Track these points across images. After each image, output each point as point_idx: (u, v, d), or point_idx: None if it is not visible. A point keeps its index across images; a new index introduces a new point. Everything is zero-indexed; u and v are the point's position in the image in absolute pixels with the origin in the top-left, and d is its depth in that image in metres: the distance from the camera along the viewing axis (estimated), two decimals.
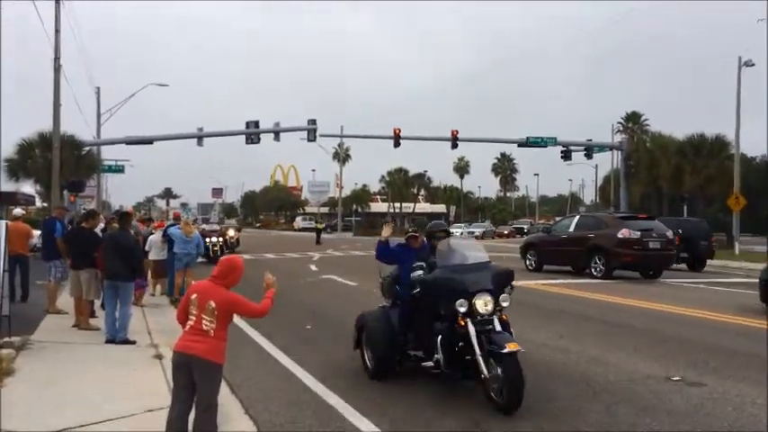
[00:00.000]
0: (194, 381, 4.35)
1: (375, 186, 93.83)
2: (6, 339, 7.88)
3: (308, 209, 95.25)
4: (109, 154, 42.90)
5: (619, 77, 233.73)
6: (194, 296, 4.47)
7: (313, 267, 22.63)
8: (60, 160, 24.03)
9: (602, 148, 44.88)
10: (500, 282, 6.33)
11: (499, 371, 5.69)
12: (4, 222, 9.14)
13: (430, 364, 6.52)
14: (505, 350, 5.65)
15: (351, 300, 14.06)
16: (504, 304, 6.24)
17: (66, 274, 11.11)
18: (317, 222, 52.51)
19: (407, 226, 44.25)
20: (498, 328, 5.99)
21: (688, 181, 39.32)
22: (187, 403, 4.40)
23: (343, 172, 74.68)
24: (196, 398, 4.38)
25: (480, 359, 5.75)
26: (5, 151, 27.28)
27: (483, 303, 6.04)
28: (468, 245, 7.04)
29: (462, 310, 5.99)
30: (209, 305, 4.39)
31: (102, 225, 11.29)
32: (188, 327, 4.45)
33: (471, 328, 5.89)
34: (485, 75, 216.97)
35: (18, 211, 14.16)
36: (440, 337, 6.23)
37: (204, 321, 4.38)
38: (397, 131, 39.83)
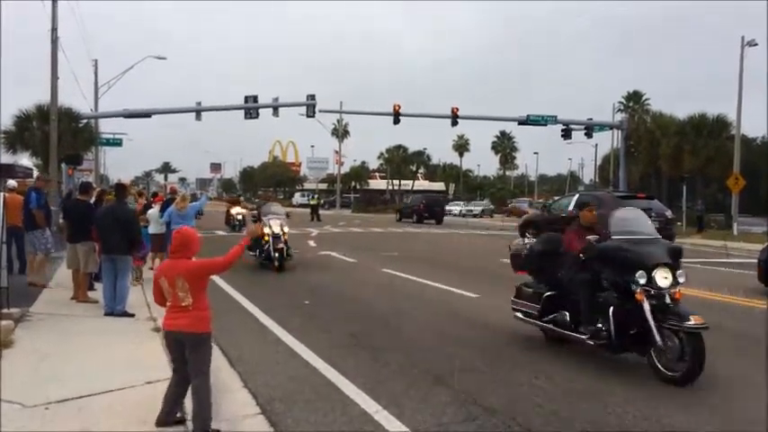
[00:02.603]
0: (185, 353, 4.56)
1: (374, 163, 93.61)
2: (5, 311, 7.86)
3: (307, 185, 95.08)
4: (107, 127, 42.69)
5: (622, 56, 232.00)
6: (162, 278, 4.61)
7: (311, 243, 22.64)
8: (58, 133, 23.84)
9: (602, 127, 44.58)
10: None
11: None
12: (1, 195, 9.08)
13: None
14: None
15: (349, 276, 14.09)
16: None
17: (50, 245, 11.06)
18: (311, 198, 48.99)
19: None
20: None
21: (688, 161, 39.22)
22: (185, 372, 4.60)
23: (341, 148, 74.43)
24: (189, 367, 4.56)
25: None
26: (2, 123, 27.07)
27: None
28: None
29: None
30: (178, 281, 4.51)
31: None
32: (168, 305, 4.62)
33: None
34: (487, 52, 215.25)
35: (12, 182, 14.03)
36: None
37: (180, 297, 4.53)
38: (397, 108, 39.52)
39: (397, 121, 39.88)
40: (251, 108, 37.62)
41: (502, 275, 14.31)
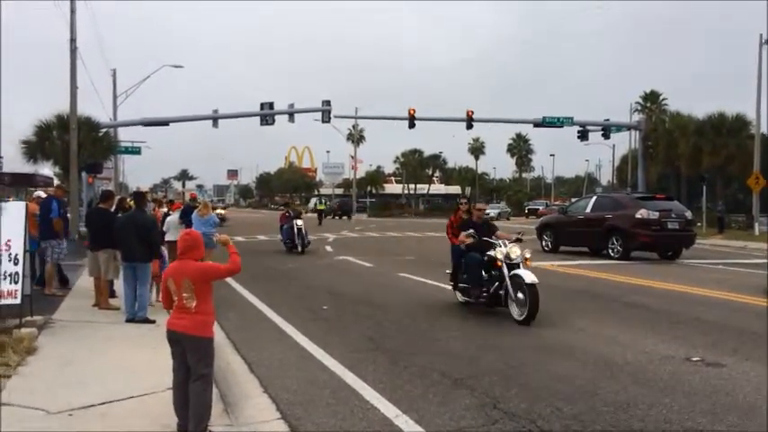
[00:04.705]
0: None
1: (389, 168, 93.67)
2: (28, 318, 7.99)
3: (323, 190, 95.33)
4: (125, 136, 43.17)
5: (638, 56, 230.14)
6: (170, 279, 4.70)
7: (328, 248, 22.70)
8: (78, 142, 24.16)
9: (619, 127, 44.29)
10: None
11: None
12: (23, 203, 9.22)
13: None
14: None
15: (366, 280, 14.11)
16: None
17: (63, 255, 11.15)
18: (318, 204, 50.29)
19: (422, 206, 45.50)
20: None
21: (707, 161, 38.81)
22: (185, 372, 4.66)
23: (357, 153, 74.57)
24: (190, 368, 4.62)
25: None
26: (23, 133, 27.43)
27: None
28: None
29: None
30: (184, 282, 4.60)
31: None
32: (175, 306, 4.72)
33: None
34: (502, 55, 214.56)
35: (40, 193, 14.18)
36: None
37: (184, 298, 4.61)
38: (412, 112, 39.56)
39: (412, 126, 39.91)
40: (267, 114, 37.91)
41: None
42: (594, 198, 22.07)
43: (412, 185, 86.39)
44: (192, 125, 44.03)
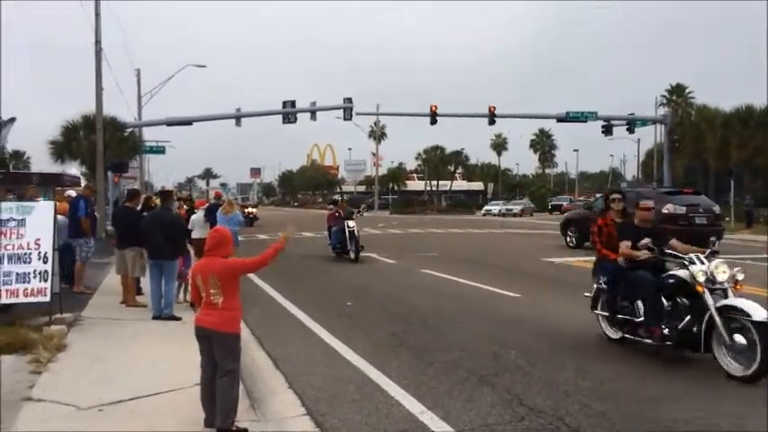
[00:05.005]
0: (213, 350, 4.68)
1: (411, 164, 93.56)
2: (58, 316, 8.12)
3: (345, 187, 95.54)
4: (150, 135, 43.63)
5: (664, 49, 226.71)
6: (198, 276, 4.75)
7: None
8: (104, 142, 24.50)
9: (644, 122, 43.67)
10: None
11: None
12: (52, 203, 9.37)
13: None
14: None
15: (390, 277, 14.11)
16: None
17: (91, 254, 11.31)
18: (341, 201, 50.02)
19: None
20: None
21: (735, 154, 38.13)
22: (212, 368, 4.69)
23: (379, 150, 74.59)
24: (217, 364, 4.66)
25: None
26: (51, 133, 27.87)
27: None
28: None
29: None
30: (211, 279, 4.65)
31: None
32: (203, 302, 4.77)
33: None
34: (524, 50, 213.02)
35: (72, 192, 14.33)
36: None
37: (212, 295, 4.65)
38: (434, 108, 39.43)
39: (434, 122, 39.78)
40: (289, 113, 38.03)
41: (543, 275, 14.18)
42: None
43: (434, 182, 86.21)
44: (215, 124, 44.31)
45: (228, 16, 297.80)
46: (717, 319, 6.14)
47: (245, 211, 30.20)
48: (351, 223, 17.51)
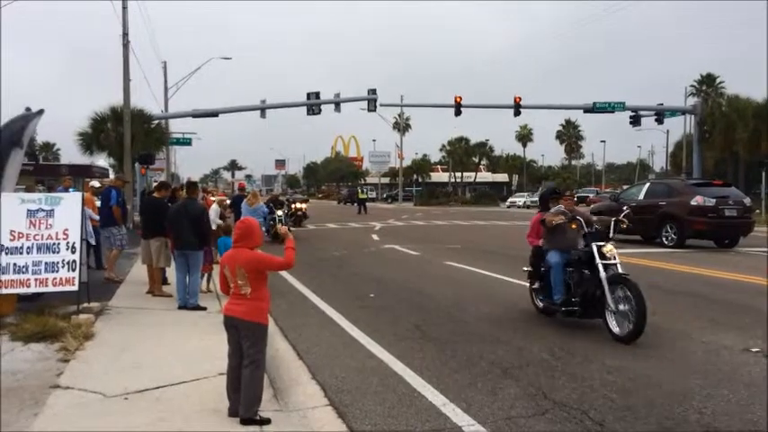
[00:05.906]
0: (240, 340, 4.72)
1: (436, 156, 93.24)
2: (86, 305, 8.25)
3: (369, 179, 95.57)
4: (176, 127, 44.14)
5: (694, 38, 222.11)
6: (226, 267, 4.80)
7: (375, 237, 22.75)
8: (131, 134, 24.80)
9: (673, 112, 42.92)
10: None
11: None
12: (80, 194, 9.51)
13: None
14: None
15: (413, 269, 14.08)
16: None
17: (125, 242, 11.64)
18: (360, 192, 48.51)
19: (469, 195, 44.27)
20: None
21: (766, 145, 37.27)
22: (239, 358, 4.74)
23: (403, 142, 74.45)
24: (243, 354, 4.70)
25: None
26: (80, 125, 28.25)
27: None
28: None
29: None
30: (239, 270, 4.69)
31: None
32: (231, 292, 4.82)
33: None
34: (552, 38, 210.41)
35: (95, 183, 14.70)
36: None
37: (240, 285, 4.70)
38: (458, 99, 39.19)
39: (458, 113, 39.57)
40: (313, 104, 38.12)
41: None
42: (647, 185, 21.43)
43: (458, 173, 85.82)
44: (240, 116, 44.75)
45: (254, 7, 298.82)
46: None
47: (292, 207, 25.87)
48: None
